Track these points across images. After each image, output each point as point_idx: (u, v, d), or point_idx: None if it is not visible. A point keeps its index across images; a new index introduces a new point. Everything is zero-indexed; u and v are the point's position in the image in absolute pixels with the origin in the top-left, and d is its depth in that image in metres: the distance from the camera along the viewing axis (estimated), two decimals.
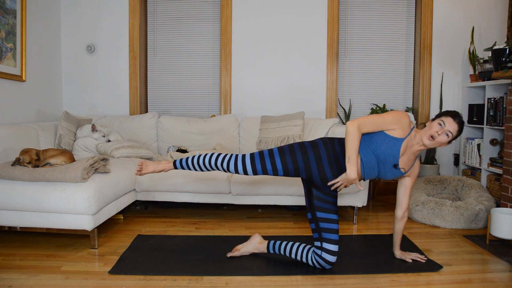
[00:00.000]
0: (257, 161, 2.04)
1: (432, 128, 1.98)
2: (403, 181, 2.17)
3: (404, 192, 2.17)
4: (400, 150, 1.98)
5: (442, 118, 1.99)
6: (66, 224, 2.33)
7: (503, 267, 2.18)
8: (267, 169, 2.03)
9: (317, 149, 2.03)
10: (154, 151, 3.62)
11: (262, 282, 1.97)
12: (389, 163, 2.00)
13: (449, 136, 1.96)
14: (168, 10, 4.05)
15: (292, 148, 2.04)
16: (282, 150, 2.04)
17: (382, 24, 3.98)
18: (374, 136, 2.00)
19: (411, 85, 4.05)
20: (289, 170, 2.03)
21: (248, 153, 2.10)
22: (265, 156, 2.04)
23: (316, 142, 2.08)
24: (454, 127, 1.96)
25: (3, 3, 2.99)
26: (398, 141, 1.97)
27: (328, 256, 2.04)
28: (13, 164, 2.37)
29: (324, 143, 2.06)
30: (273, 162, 2.02)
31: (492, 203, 2.97)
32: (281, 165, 2.02)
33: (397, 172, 2.03)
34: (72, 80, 3.98)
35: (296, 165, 2.01)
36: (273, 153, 2.04)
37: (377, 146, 1.98)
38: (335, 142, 2.07)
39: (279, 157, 2.02)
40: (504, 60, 3.00)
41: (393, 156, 1.98)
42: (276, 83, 3.93)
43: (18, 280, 1.95)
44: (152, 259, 2.22)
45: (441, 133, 1.96)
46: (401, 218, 2.19)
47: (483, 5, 3.86)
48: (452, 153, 3.97)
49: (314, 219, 2.09)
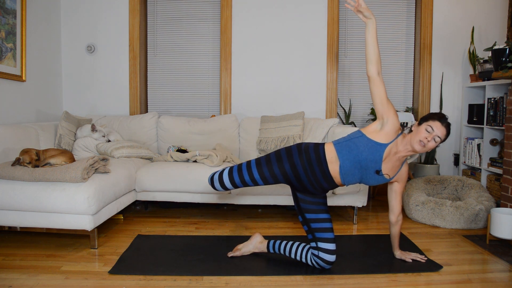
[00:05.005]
0: (234, 175, 2.10)
1: (420, 134, 1.92)
2: (392, 186, 2.14)
3: (395, 197, 2.14)
4: (382, 156, 1.93)
5: (429, 122, 1.93)
6: (66, 224, 2.33)
7: (503, 267, 2.18)
8: (245, 180, 2.08)
9: (292, 158, 2.04)
10: (154, 151, 3.62)
11: (262, 282, 1.97)
12: (371, 169, 1.96)
13: (438, 141, 1.92)
14: (168, 10, 4.05)
15: (269, 158, 2.08)
16: (259, 161, 2.08)
17: (382, 24, 3.98)
18: (356, 142, 1.96)
19: (411, 85, 4.05)
20: (267, 179, 2.07)
21: (227, 168, 2.15)
22: (243, 168, 2.09)
23: (291, 148, 2.09)
24: (442, 131, 1.92)
25: (3, 3, 2.99)
26: (381, 146, 1.93)
27: (326, 256, 2.03)
28: (13, 164, 2.37)
29: (299, 150, 2.05)
30: (250, 173, 2.07)
31: (492, 203, 2.97)
32: (259, 175, 2.06)
33: (380, 178, 2.00)
34: (72, 80, 3.98)
35: (273, 173, 2.05)
36: (250, 165, 2.09)
37: (359, 151, 1.94)
38: (309, 149, 2.04)
39: (256, 169, 2.06)
40: (504, 60, 3.00)
41: (375, 162, 1.94)
42: (276, 83, 3.93)
43: (18, 280, 1.95)
44: (152, 259, 2.22)
45: (430, 139, 1.91)
46: (395, 222, 2.18)
47: (483, 5, 3.86)
48: (452, 153, 3.97)
49: (304, 221, 2.11)
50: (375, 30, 1.88)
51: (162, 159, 3.24)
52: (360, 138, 1.96)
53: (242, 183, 2.09)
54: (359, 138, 1.96)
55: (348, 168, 1.97)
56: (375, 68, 1.90)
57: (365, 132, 1.97)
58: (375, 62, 1.89)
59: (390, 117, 1.93)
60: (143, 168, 3.00)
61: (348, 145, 1.97)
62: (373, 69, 1.90)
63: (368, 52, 1.90)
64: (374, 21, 1.88)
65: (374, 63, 1.90)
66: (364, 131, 1.98)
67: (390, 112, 1.93)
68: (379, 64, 1.90)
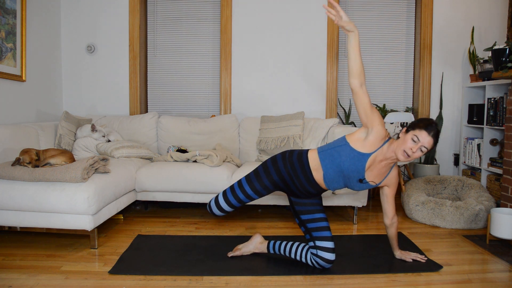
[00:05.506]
0: (229, 196, 2.12)
1: (406, 143, 1.87)
2: (383, 190, 2.14)
3: (386, 201, 2.14)
4: (365, 166, 1.92)
5: (415, 132, 1.87)
6: (66, 224, 2.33)
7: (503, 267, 2.18)
8: (240, 198, 2.11)
9: (277, 166, 2.08)
10: (154, 151, 3.62)
11: (262, 282, 1.97)
12: (353, 178, 1.97)
13: (424, 151, 1.88)
14: (168, 10, 4.05)
15: (257, 172, 2.11)
16: (249, 177, 2.12)
17: (382, 24, 3.98)
18: (340, 150, 1.95)
19: (411, 85, 4.05)
20: (260, 192, 2.10)
21: (220, 192, 2.18)
22: (235, 188, 2.12)
23: (276, 157, 2.12)
24: (429, 141, 1.86)
25: (3, 3, 2.99)
26: (364, 156, 1.91)
27: (325, 254, 2.04)
28: (13, 164, 2.37)
29: (283, 158, 2.09)
30: (243, 191, 2.10)
31: (492, 203, 2.97)
32: (252, 190, 2.09)
33: (364, 185, 2.00)
34: (72, 80, 3.98)
35: (264, 185, 2.08)
36: (241, 182, 2.12)
37: (342, 161, 1.94)
38: (293, 157, 2.07)
39: (248, 185, 2.09)
40: (504, 60, 2.99)
41: (357, 172, 1.94)
42: (276, 83, 3.93)
43: (18, 280, 1.95)
44: (152, 259, 2.22)
45: (416, 150, 1.85)
46: (390, 225, 2.18)
47: (483, 5, 3.86)
48: (452, 153, 3.97)
49: (301, 223, 2.14)
50: (358, 42, 1.82)
51: (162, 159, 3.24)
52: (344, 147, 1.95)
53: (239, 202, 2.12)
54: (343, 147, 1.95)
55: (332, 176, 1.99)
56: (357, 81, 1.84)
57: (349, 140, 1.96)
58: (358, 75, 1.83)
59: (375, 126, 1.89)
60: (143, 168, 3.00)
61: (331, 154, 1.97)
62: (356, 82, 1.84)
63: (351, 65, 1.84)
64: (356, 33, 1.81)
65: (357, 75, 1.83)
66: (348, 139, 1.97)
67: (375, 122, 1.89)
68: (362, 76, 1.84)
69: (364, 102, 1.86)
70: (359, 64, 1.83)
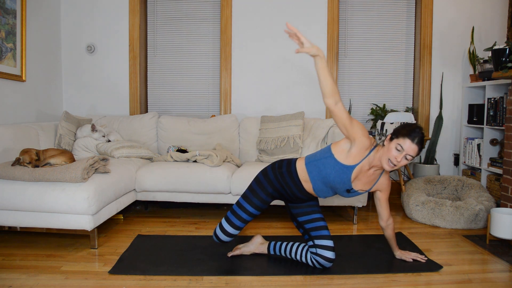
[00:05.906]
0: (232, 219, 2.12)
1: (390, 151, 1.86)
2: (375, 194, 2.15)
3: (380, 204, 2.15)
4: (350, 177, 1.93)
5: (399, 140, 1.84)
6: (66, 224, 2.33)
7: (503, 267, 2.18)
8: (243, 218, 2.11)
9: (269, 178, 2.10)
10: (154, 151, 3.62)
11: (262, 282, 1.97)
12: (340, 189, 1.99)
13: (409, 159, 1.86)
14: (168, 10, 4.05)
15: (251, 187, 2.13)
16: (245, 195, 2.12)
17: (382, 24, 3.98)
18: (325, 162, 1.96)
19: (411, 85, 4.05)
20: (260, 207, 2.11)
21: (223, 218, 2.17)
22: (236, 210, 2.12)
23: (266, 169, 2.14)
24: (413, 149, 1.84)
25: (3, 3, 2.99)
26: (348, 169, 1.91)
27: (324, 252, 2.04)
28: (13, 164, 2.37)
29: (273, 169, 2.11)
30: (245, 210, 2.10)
31: (492, 203, 2.97)
32: (252, 207, 2.09)
33: (353, 194, 2.02)
34: (72, 80, 3.98)
35: (261, 199, 2.09)
36: (240, 203, 2.12)
37: (327, 173, 1.95)
38: (282, 167, 2.09)
39: (247, 203, 2.10)
40: (504, 60, 2.99)
41: (343, 183, 1.95)
42: (276, 83, 3.93)
43: (18, 280, 1.95)
44: (152, 259, 2.22)
45: (400, 159, 1.84)
46: (386, 227, 2.19)
47: (483, 5, 3.86)
48: (452, 153, 3.97)
49: (299, 224, 2.17)
50: (325, 64, 1.81)
51: (162, 159, 3.24)
52: (329, 159, 1.95)
53: (243, 222, 2.11)
54: (328, 159, 1.96)
55: (320, 187, 2.02)
56: (331, 100, 1.82)
57: (334, 151, 1.95)
58: (331, 94, 1.82)
59: (357, 138, 1.88)
60: (143, 168, 3.00)
61: (317, 166, 1.99)
62: (329, 101, 1.83)
63: (322, 87, 1.82)
64: (322, 55, 1.81)
65: (330, 95, 1.82)
66: (333, 149, 1.96)
67: (357, 134, 1.87)
68: (336, 94, 1.82)
69: (343, 118, 1.85)
70: (330, 84, 1.81)
